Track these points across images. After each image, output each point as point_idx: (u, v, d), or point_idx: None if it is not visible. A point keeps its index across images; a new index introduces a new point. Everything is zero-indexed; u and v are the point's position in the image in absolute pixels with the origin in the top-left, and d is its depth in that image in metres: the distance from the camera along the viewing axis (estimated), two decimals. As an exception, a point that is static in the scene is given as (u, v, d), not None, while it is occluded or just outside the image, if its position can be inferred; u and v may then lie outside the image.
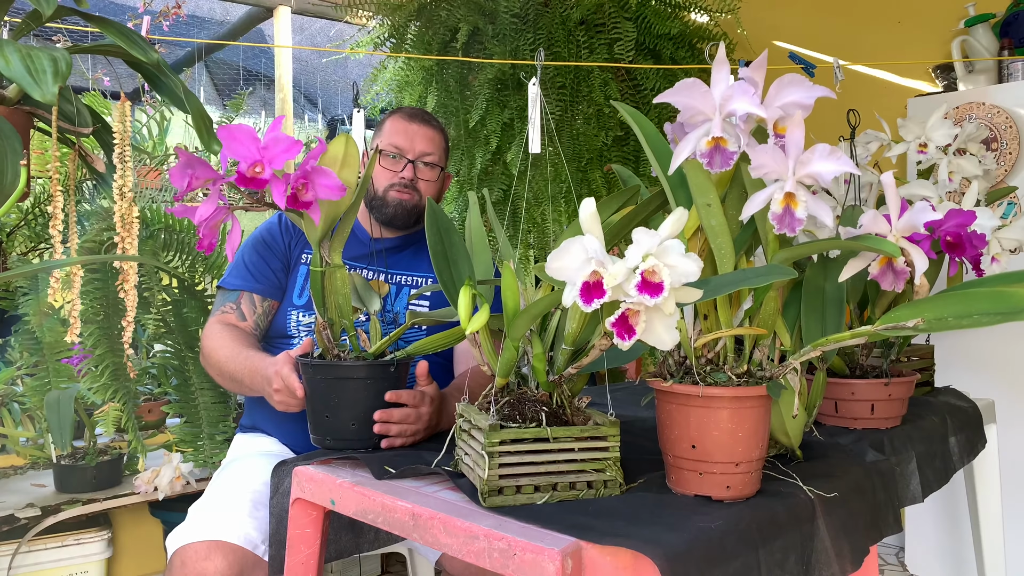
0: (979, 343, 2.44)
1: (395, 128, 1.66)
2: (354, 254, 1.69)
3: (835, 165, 0.91)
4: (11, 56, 0.89)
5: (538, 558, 0.81)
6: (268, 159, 1.03)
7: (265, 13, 3.75)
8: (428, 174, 1.67)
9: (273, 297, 1.64)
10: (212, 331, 1.57)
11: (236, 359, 1.47)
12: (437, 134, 1.70)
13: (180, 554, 1.29)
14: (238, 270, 1.64)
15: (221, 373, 1.52)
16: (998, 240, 1.44)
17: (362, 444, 1.20)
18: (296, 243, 1.67)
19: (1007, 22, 2.65)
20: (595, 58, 2.28)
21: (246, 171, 1.02)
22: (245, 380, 1.44)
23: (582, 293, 0.80)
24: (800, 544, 0.94)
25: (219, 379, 1.56)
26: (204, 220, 1.07)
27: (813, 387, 1.24)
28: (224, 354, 1.50)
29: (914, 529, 2.58)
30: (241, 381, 1.46)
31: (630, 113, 1.11)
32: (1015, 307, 0.83)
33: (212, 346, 1.54)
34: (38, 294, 1.98)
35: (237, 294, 1.62)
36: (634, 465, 1.06)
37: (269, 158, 1.03)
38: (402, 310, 1.66)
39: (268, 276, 1.63)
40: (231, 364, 1.48)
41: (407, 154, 1.65)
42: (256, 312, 1.61)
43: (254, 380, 1.40)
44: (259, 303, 1.62)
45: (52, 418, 1.90)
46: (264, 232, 1.70)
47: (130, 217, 1.04)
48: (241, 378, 1.45)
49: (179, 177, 1.04)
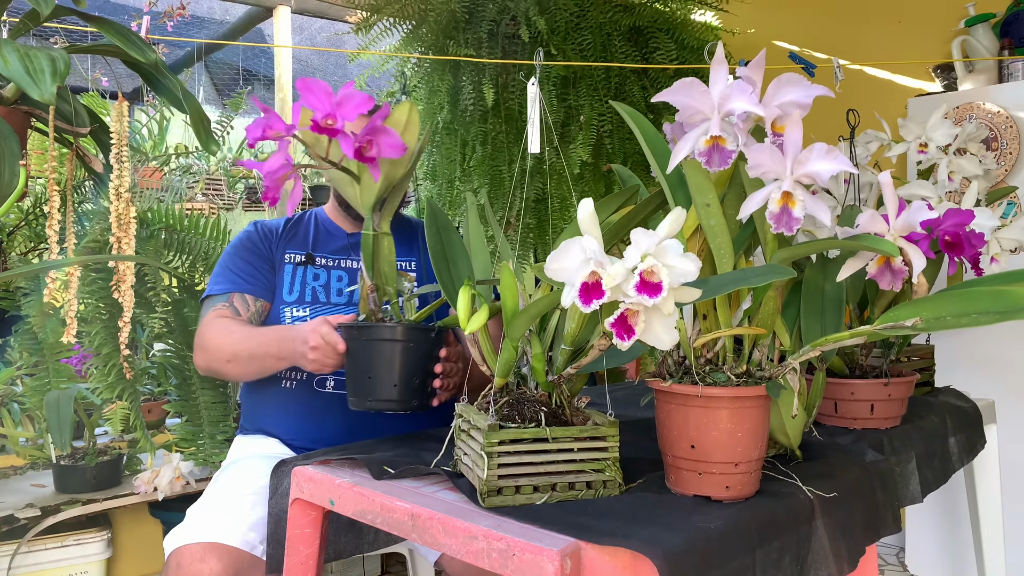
0: (979, 343, 2.44)
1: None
2: (335, 247, 1.71)
3: (833, 164, 0.91)
4: (9, 56, 0.89)
5: (537, 558, 0.81)
6: (341, 113, 1.10)
7: (265, 13, 3.74)
8: None
9: (264, 298, 1.63)
10: (210, 326, 1.55)
11: (252, 337, 1.47)
12: None
13: (176, 556, 1.29)
14: (224, 276, 1.63)
15: (233, 357, 1.49)
16: (997, 240, 1.44)
17: (402, 406, 1.27)
18: (276, 245, 1.68)
19: (1007, 22, 2.64)
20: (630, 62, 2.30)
21: (320, 120, 1.09)
22: (271, 350, 1.44)
23: (581, 293, 0.80)
24: (796, 544, 0.94)
25: (227, 367, 1.52)
26: (271, 172, 1.13)
27: (812, 387, 1.24)
28: (235, 338, 1.49)
29: (914, 529, 2.58)
30: (263, 355, 1.45)
31: (629, 113, 1.11)
32: (1014, 306, 0.83)
33: (215, 336, 1.52)
34: (39, 295, 1.98)
35: (227, 296, 1.61)
36: (633, 465, 1.06)
37: (342, 112, 1.10)
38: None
39: (257, 277, 1.63)
40: (247, 344, 1.47)
41: None
42: (250, 310, 1.61)
43: (282, 346, 1.41)
44: (251, 302, 1.61)
45: (52, 418, 1.90)
46: (244, 239, 1.69)
47: (127, 217, 1.04)
48: (264, 351, 1.44)
49: (254, 128, 1.10)
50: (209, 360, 1.54)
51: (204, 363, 1.56)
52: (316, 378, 1.56)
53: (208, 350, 1.53)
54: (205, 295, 1.64)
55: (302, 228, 1.74)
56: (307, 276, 1.65)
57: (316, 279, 1.66)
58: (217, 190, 4.25)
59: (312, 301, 1.63)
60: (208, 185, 4.17)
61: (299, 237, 1.72)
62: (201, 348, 1.55)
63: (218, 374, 1.57)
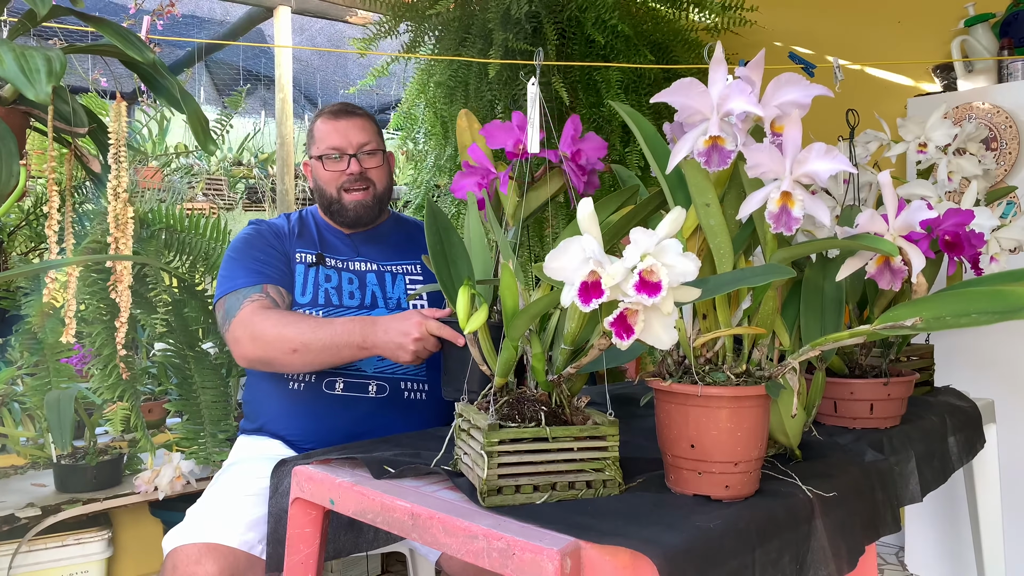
0: (979, 343, 2.44)
1: (326, 130, 1.68)
2: (341, 248, 1.70)
3: (832, 164, 0.91)
4: (5, 56, 0.89)
5: (537, 558, 0.81)
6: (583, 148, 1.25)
7: (265, 13, 3.74)
8: (372, 162, 1.69)
9: (289, 291, 1.59)
10: (260, 316, 1.48)
11: (329, 325, 1.43)
12: (366, 121, 1.71)
13: (173, 557, 1.29)
14: (246, 269, 1.57)
15: (302, 347, 1.43)
16: (997, 240, 1.44)
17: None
18: (290, 243, 1.67)
19: (1007, 22, 2.64)
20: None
21: (512, 149, 1.23)
22: (354, 339, 1.41)
23: (580, 293, 0.80)
24: (796, 544, 0.94)
25: (291, 358, 1.45)
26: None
27: (812, 387, 1.24)
28: (304, 327, 1.44)
29: (914, 529, 2.58)
30: (342, 344, 1.42)
31: (628, 113, 1.11)
32: (1013, 306, 0.83)
33: (273, 325, 1.45)
34: (39, 294, 1.98)
35: (259, 287, 1.54)
36: (633, 465, 1.06)
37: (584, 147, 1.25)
38: (402, 295, 1.68)
39: (281, 270, 1.60)
40: (322, 332, 1.43)
41: (347, 150, 1.67)
42: (285, 301, 1.55)
43: (368, 336, 1.40)
44: (284, 294, 1.57)
45: (52, 418, 1.90)
46: (254, 235, 1.66)
47: (124, 217, 1.04)
48: (344, 340, 1.41)
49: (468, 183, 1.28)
50: (268, 350, 1.47)
51: (260, 353, 1.48)
52: (325, 380, 1.55)
53: (267, 340, 1.46)
54: (227, 290, 1.56)
55: (308, 227, 1.73)
56: (319, 277, 1.64)
57: (328, 280, 1.64)
58: (218, 190, 4.25)
59: (325, 303, 1.62)
60: (209, 185, 4.17)
61: (307, 236, 1.71)
62: (255, 339, 1.48)
63: (272, 365, 1.50)
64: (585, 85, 2.36)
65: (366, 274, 1.68)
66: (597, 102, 2.35)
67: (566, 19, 2.35)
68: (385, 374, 1.58)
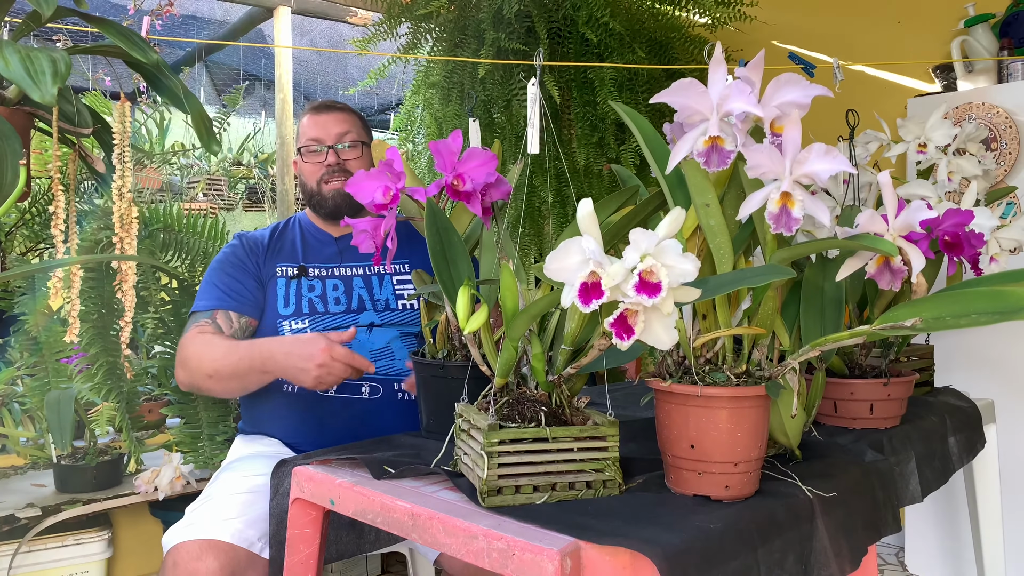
0: (979, 343, 2.44)
1: (308, 124, 1.72)
2: (326, 255, 1.70)
3: (831, 164, 0.91)
4: (10, 57, 0.89)
5: (537, 558, 0.81)
6: (468, 172, 1.21)
7: (265, 13, 3.74)
8: (351, 153, 1.71)
9: (249, 314, 1.61)
10: (191, 342, 1.52)
11: (235, 351, 1.45)
12: (349, 115, 1.73)
13: (173, 554, 1.29)
14: (209, 292, 1.61)
15: (215, 373, 1.46)
16: (997, 240, 1.44)
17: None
18: (264, 260, 1.67)
19: (1007, 22, 2.65)
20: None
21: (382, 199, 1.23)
22: (255, 365, 1.41)
23: (580, 294, 0.80)
24: (799, 544, 0.94)
25: (208, 383, 1.49)
26: (371, 232, 1.28)
27: (812, 387, 1.24)
28: (217, 353, 1.47)
29: (914, 529, 2.58)
30: (246, 373, 1.43)
31: (627, 113, 1.11)
32: (1013, 306, 0.83)
33: (195, 352, 1.49)
34: (35, 295, 1.98)
35: (210, 313, 1.58)
36: (633, 465, 1.06)
37: (468, 171, 1.21)
38: (390, 296, 1.67)
39: (242, 293, 1.61)
40: (230, 358, 1.45)
41: (325, 141, 1.69)
42: (232, 327, 1.58)
43: (265, 359, 1.40)
44: (235, 319, 1.59)
45: (52, 418, 1.90)
46: (229, 255, 1.68)
47: (129, 217, 1.04)
48: (248, 368, 1.42)
49: (366, 191, 1.23)
50: (191, 376, 1.51)
51: (186, 379, 1.53)
52: None
53: (189, 366, 1.50)
54: (192, 309, 1.62)
55: (288, 239, 1.73)
56: (302, 288, 1.64)
57: (312, 291, 1.64)
58: (218, 190, 4.26)
59: (310, 312, 1.62)
60: (209, 185, 4.17)
61: (287, 249, 1.70)
62: (182, 364, 1.52)
63: (200, 390, 1.54)
64: (579, 84, 2.37)
65: (352, 279, 1.68)
66: (591, 100, 2.35)
67: (561, 18, 2.35)
68: (378, 375, 1.58)
